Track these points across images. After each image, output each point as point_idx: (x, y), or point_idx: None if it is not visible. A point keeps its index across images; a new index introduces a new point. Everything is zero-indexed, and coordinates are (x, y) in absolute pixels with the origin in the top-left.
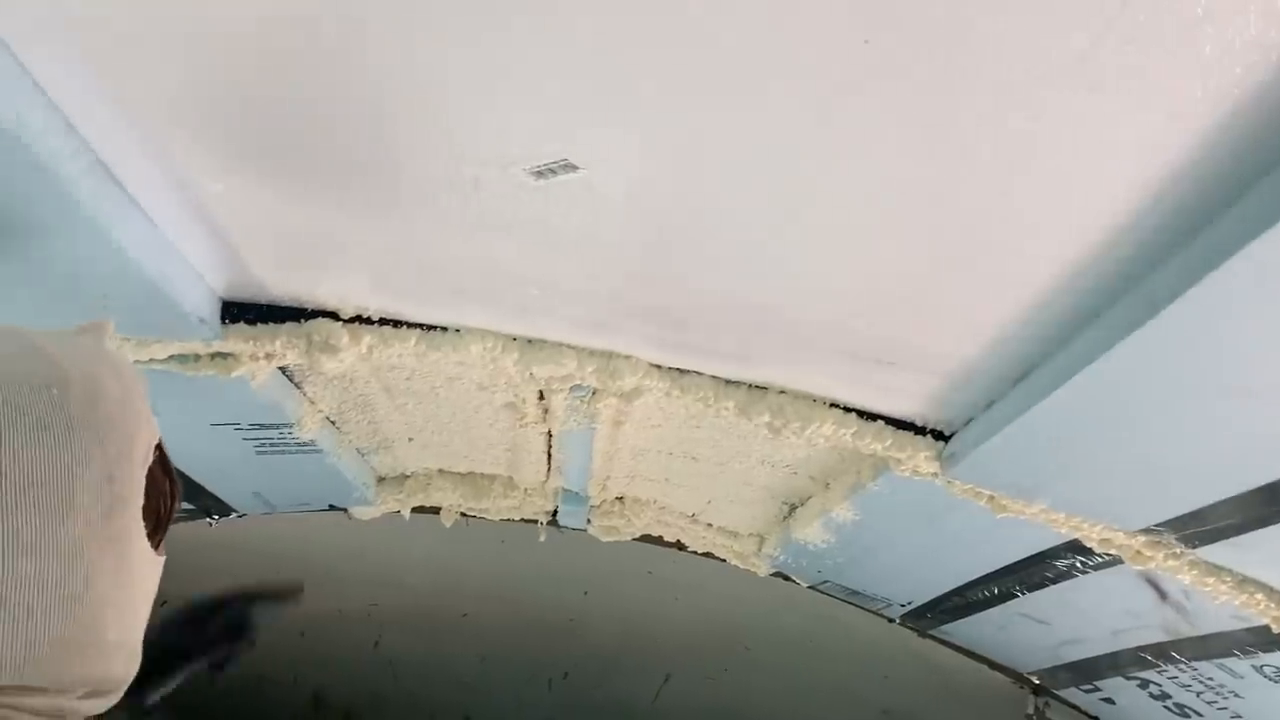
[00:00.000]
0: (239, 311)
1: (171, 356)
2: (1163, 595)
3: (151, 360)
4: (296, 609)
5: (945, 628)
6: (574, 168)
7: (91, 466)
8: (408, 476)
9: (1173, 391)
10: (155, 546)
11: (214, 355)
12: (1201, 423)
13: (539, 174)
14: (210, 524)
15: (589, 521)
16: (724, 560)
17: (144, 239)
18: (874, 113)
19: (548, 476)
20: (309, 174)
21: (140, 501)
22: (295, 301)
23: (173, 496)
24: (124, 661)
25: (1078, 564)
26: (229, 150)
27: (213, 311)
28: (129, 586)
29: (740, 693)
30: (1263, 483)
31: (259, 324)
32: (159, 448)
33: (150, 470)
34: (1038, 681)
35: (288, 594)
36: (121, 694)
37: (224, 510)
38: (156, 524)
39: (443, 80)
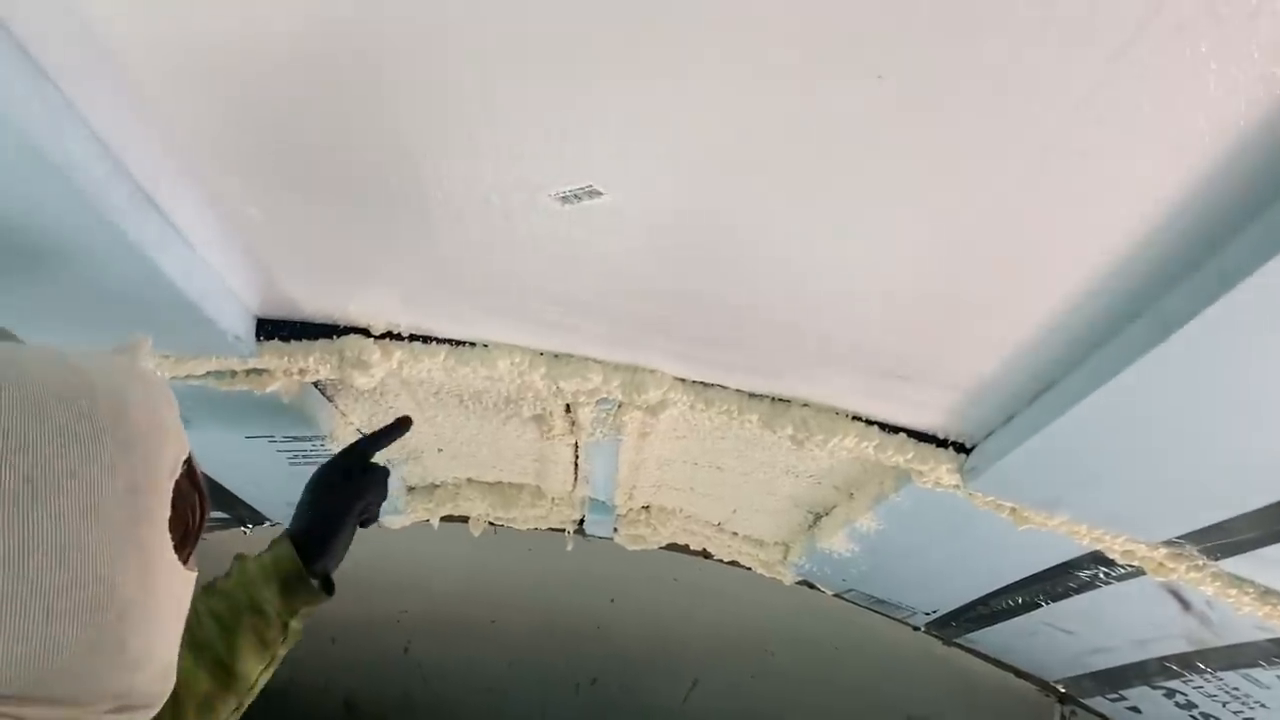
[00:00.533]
0: (273, 329)
1: (209, 373)
2: (1186, 606)
3: (189, 376)
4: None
5: (970, 636)
6: (598, 193)
7: (117, 476)
8: (437, 486)
9: (1187, 409)
10: (184, 560)
11: (249, 371)
12: (1217, 439)
13: (565, 199)
14: (245, 532)
15: (616, 530)
16: (749, 568)
17: (183, 262)
18: (894, 143)
19: (575, 486)
20: (341, 199)
21: (167, 514)
22: (328, 319)
23: (202, 511)
24: (152, 677)
25: (1101, 575)
26: (264, 177)
27: (248, 329)
28: (154, 598)
29: (767, 699)
30: (1275, 500)
31: (293, 341)
32: (188, 462)
33: (178, 483)
34: (1063, 690)
35: (398, 429)
36: (154, 712)
37: (258, 519)
38: (184, 537)
39: (473, 115)
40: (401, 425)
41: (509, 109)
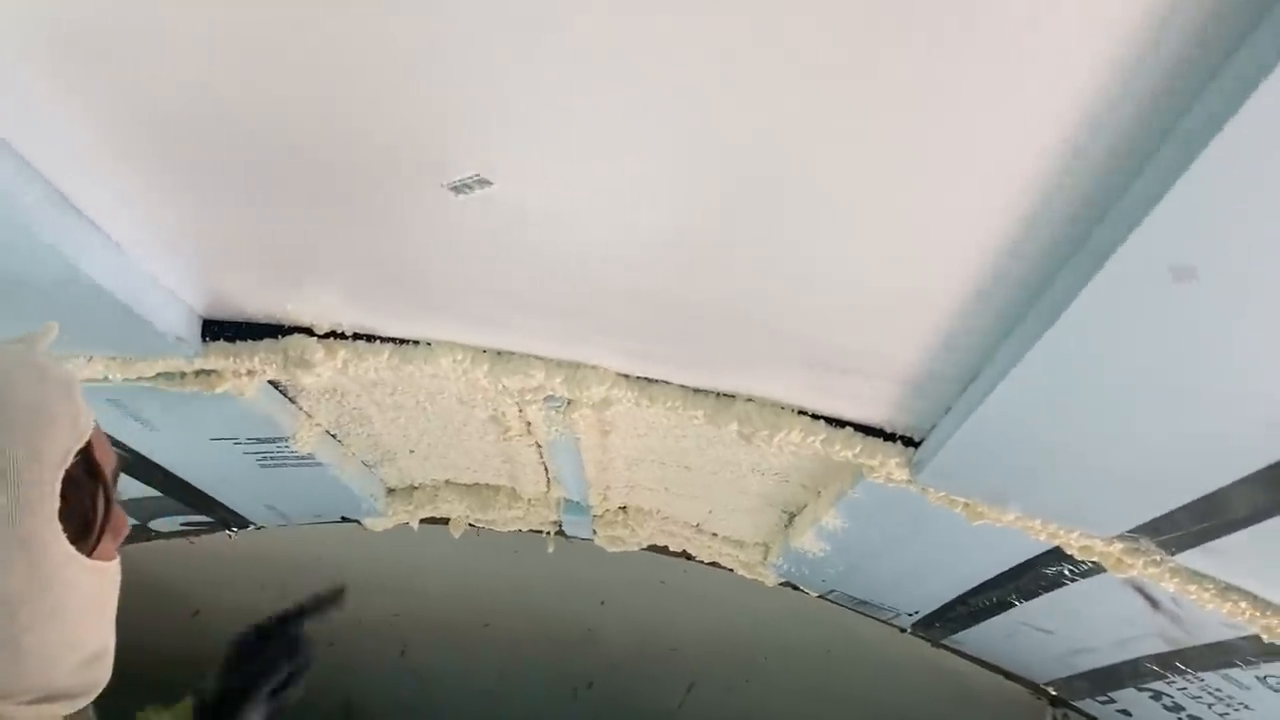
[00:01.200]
0: (219, 329)
1: (159, 374)
2: (1155, 604)
3: (140, 378)
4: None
5: (955, 637)
6: (487, 182)
7: None
8: (416, 488)
9: (1092, 394)
10: (90, 552)
11: (198, 372)
12: (1132, 426)
13: (456, 189)
14: (230, 536)
15: (594, 532)
16: (731, 570)
17: (110, 264)
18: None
19: (548, 487)
20: (275, 195)
21: (54, 505)
22: (271, 319)
23: (106, 502)
24: (72, 669)
25: (1066, 572)
26: (190, 175)
27: (191, 330)
28: (51, 593)
29: (763, 702)
30: (1214, 488)
31: (238, 341)
32: (84, 452)
33: (70, 474)
34: (1054, 692)
35: (331, 601)
36: (86, 701)
37: (241, 523)
38: (84, 528)
39: (393, 108)
40: (336, 597)
41: (413, 97)
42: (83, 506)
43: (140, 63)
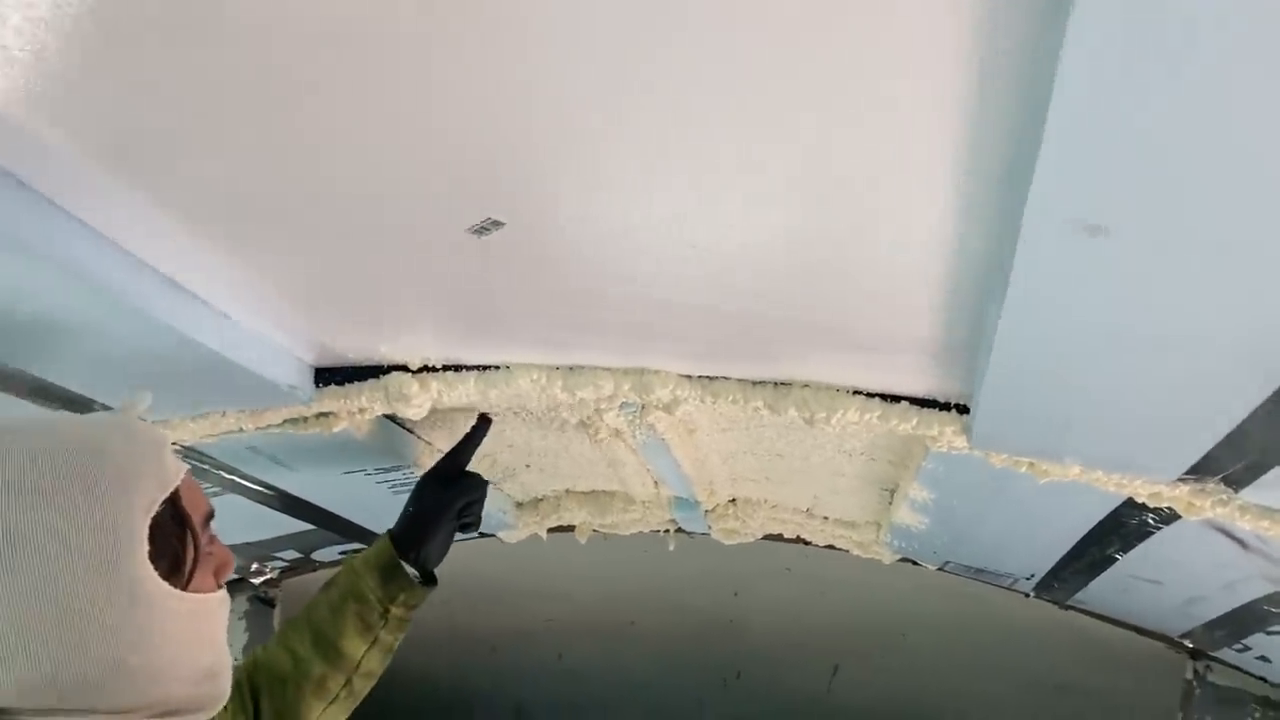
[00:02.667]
0: (329, 375)
1: (284, 421)
2: (1242, 544)
3: (269, 426)
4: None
5: (1078, 597)
6: (500, 223)
7: (86, 521)
8: (540, 500)
9: (1069, 346)
10: (184, 586)
11: (317, 415)
12: (1122, 375)
13: (477, 232)
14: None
15: (708, 526)
16: (847, 551)
17: (220, 331)
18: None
19: (657, 487)
20: (354, 255)
21: (144, 549)
22: (371, 360)
23: (194, 542)
24: (184, 685)
25: (1148, 521)
26: (279, 248)
27: (304, 379)
28: (148, 622)
29: (912, 679)
30: (1231, 427)
31: (345, 384)
32: (170, 501)
33: (158, 520)
34: (1192, 645)
35: (480, 430)
36: (206, 715)
37: None
38: (175, 565)
39: (437, 168)
40: (481, 426)
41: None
42: (172, 547)
43: (217, 165)
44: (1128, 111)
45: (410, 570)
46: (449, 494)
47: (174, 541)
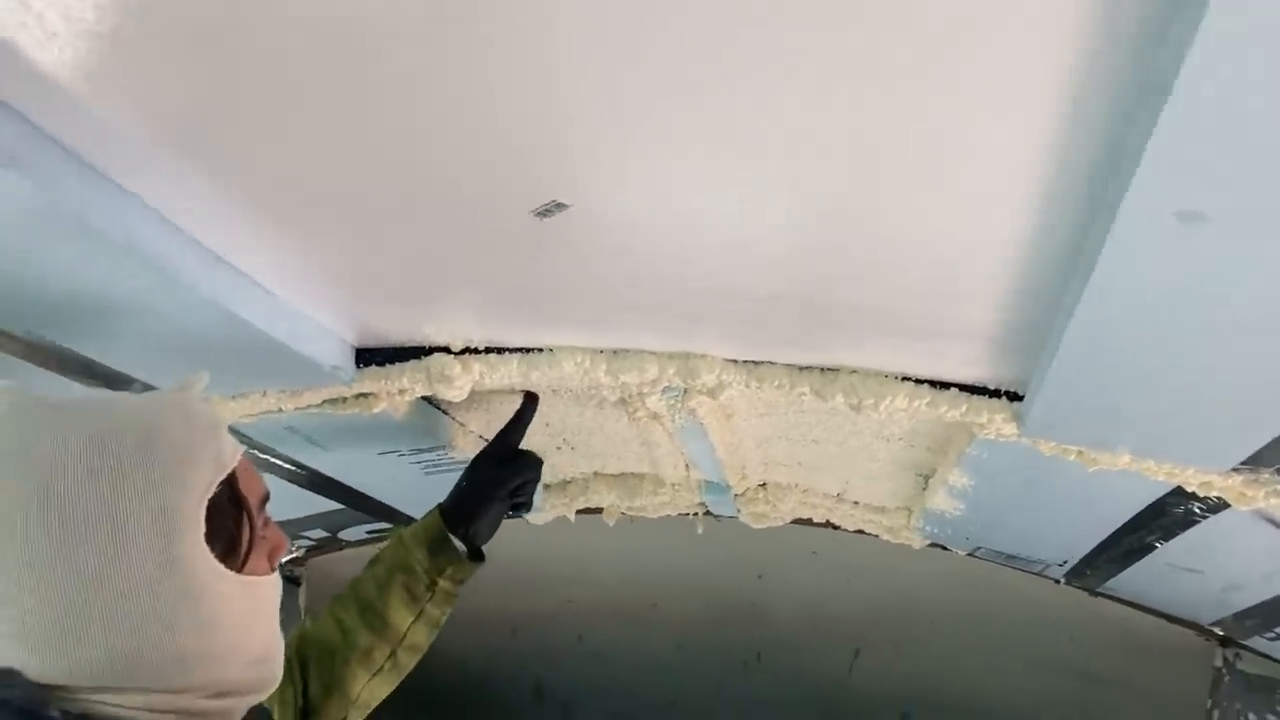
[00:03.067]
0: (371, 356)
1: (324, 401)
2: None
3: (309, 406)
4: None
5: (1110, 584)
6: (565, 205)
7: (143, 502)
8: (568, 482)
9: (1145, 335)
10: (239, 568)
11: (357, 396)
12: (1195, 363)
13: (541, 214)
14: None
15: (738, 510)
16: (877, 536)
17: (265, 309)
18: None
19: (688, 470)
20: (401, 236)
21: (200, 531)
22: (413, 341)
23: (250, 525)
24: (240, 668)
25: (1195, 510)
26: (326, 227)
27: (346, 359)
28: (203, 605)
29: (934, 664)
30: None
31: (387, 365)
32: (227, 483)
33: (215, 502)
34: (1222, 633)
35: (529, 408)
36: (262, 696)
37: None
38: (231, 548)
39: (473, 150)
40: (530, 405)
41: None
42: (228, 529)
43: (271, 141)
44: (1249, 99)
45: (459, 545)
46: (503, 472)
47: (230, 524)
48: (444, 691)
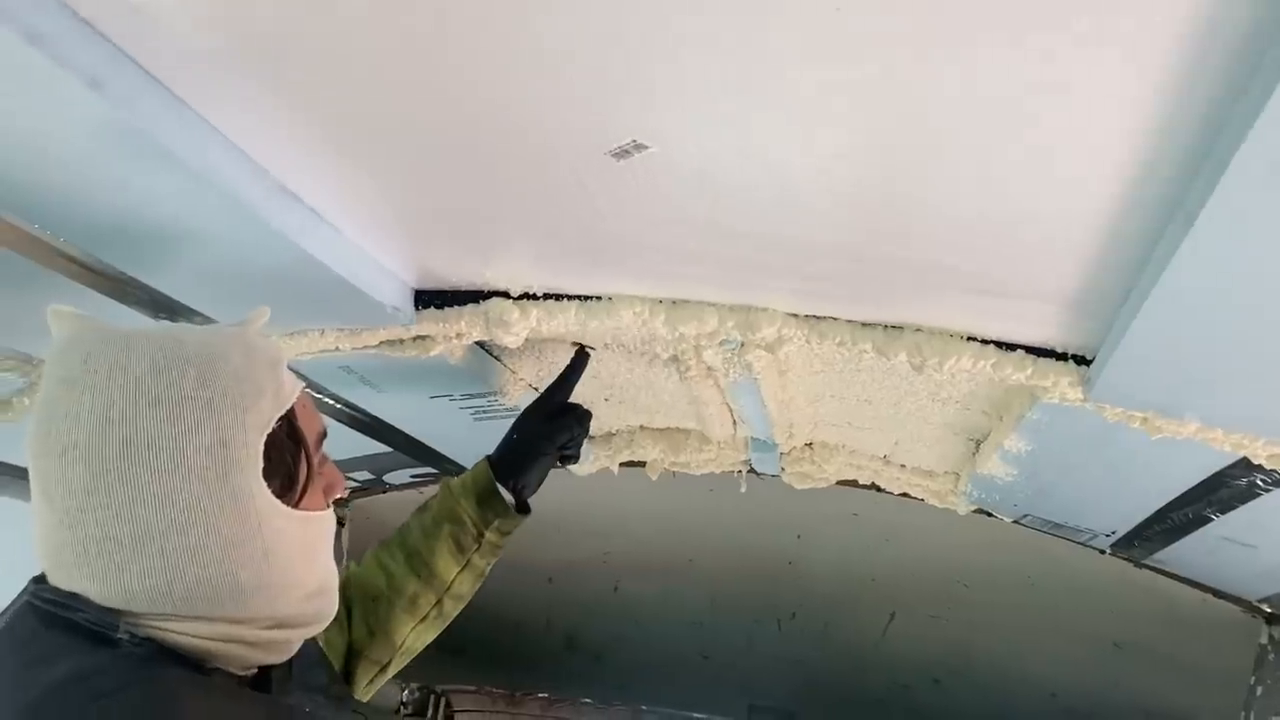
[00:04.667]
0: (429, 298)
1: (381, 343)
2: None
3: (366, 347)
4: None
5: (1157, 556)
6: (644, 146)
7: (202, 433)
8: (613, 434)
9: (1240, 298)
10: (295, 504)
11: (415, 339)
12: None
13: (617, 155)
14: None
15: (782, 469)
16: (922, 500)
17: (331, 245)
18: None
19: (735, 428)
20: (467, 175)
21: (258, 464)
22: (472, 285)
23: (307, 461)
24: (298, 600)
25: (1258, 482)
26: (394, 161)
27: (406, 300)
28: (260, 538)
29: (967, 630)
30: None
31: (446, 308)
32: (286, 418)
33: (274, 436)
34: (1269, 609)
35: (580, 363)
36: (319, 628)
37: (460, 472)
38: (289, 483)
39: (551, 86)
40: (580, 359)
41: (582, 70)
42: (286, 465)
43: (345, 71)
44: None
45: (507, 497)
46: (552, 426)
47: (288, 459)
48: (476, 636)
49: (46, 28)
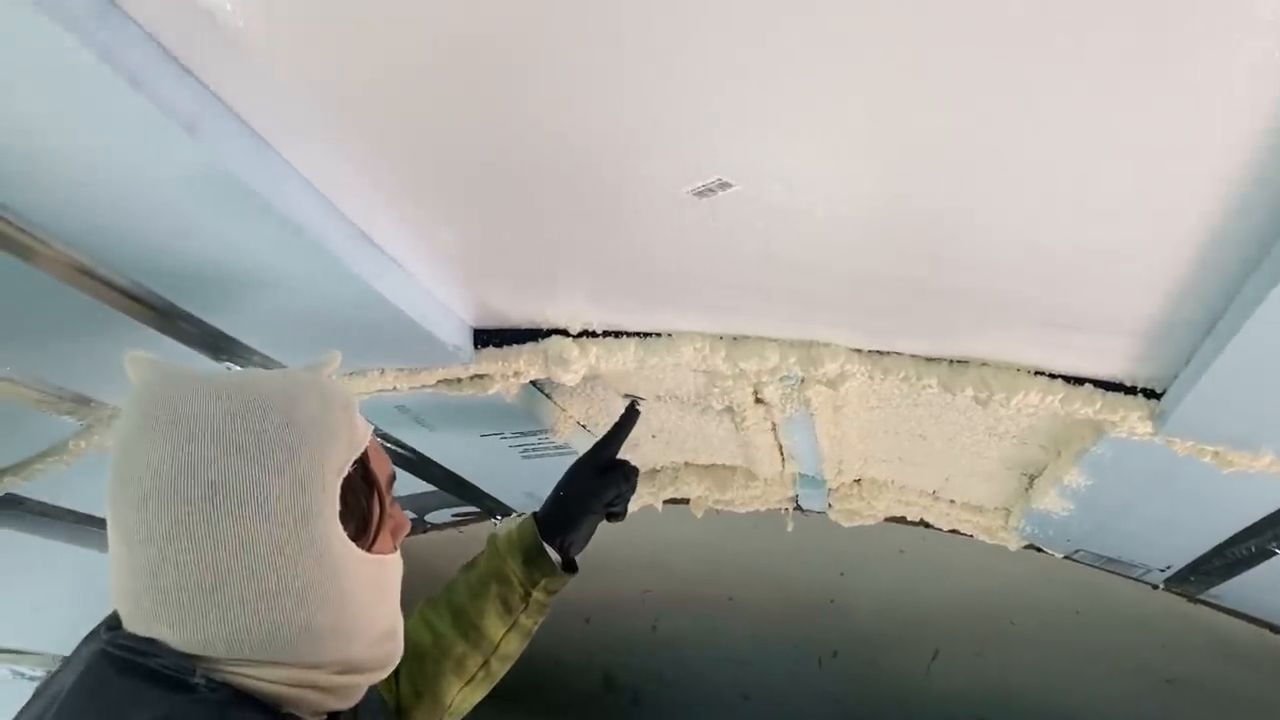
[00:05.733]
0: (488, 337)
1: (439, 381)
2: None
3: (424, 386)
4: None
5: (1214, 591)
6: (729, 185)
7: (283, 477)
8: (657, 471)
9: None
10: (368, 547)
11: (472, 377)
12: None
13: (700, 194)
14: (495, 523)
15: (830, 505)
16: (971, 536)
17: (400, 286)
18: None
19: (783, 465)
20: (533, 213)
21: (335, 509)
22: (531, 324)
23: (380, 504)
24: (366, 645)
25: None
26: (459, 201)
27: (465, 339)
28: (335, 583)
29: (1012, 667)
30: None
31: (505, 346)
32: (360, 462)
33: (349, 481)
34: None
35: (630, 419)
36: (384, 674)
37: (504, 510)
38: (363, 527)
39: (637, 125)
40: (630, 415)
41: (656, 111)
42: (360, 508)
43: (428, 117)
44: None
45: (554, 555)
46: (600, 482)
47: (362, 503)
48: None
49: (148, 72)
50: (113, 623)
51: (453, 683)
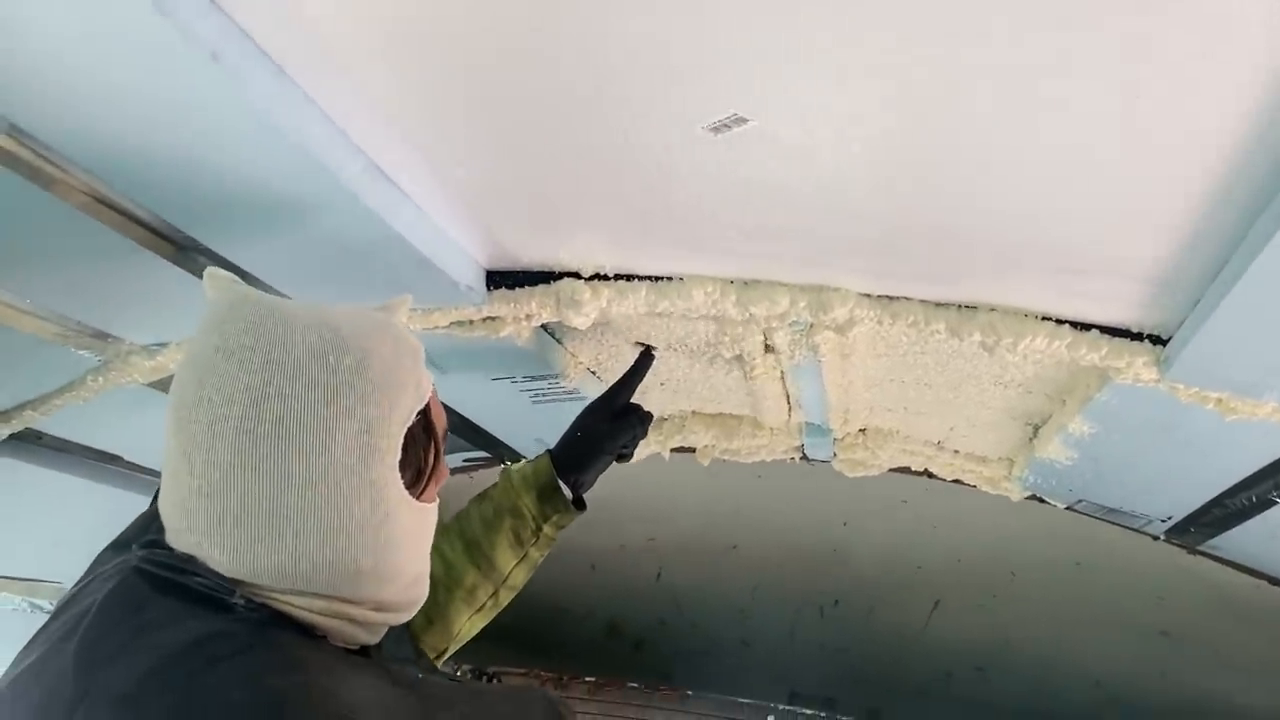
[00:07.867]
0: (500, 279)
1: (452, 323)
2: None
3: (436, 327)
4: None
5: (1213, 542)
6: (744, 120)
7: (352, 420)
8: (664, 419)
9: None
10: (419, 496)
11: (484, 319)
12: None
13: (715, 129)
14: (505, 468)
15: (835, 455)
16: (974, 486)
17: (413, 222)
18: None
19: (790, 414)
20: (548, 151)
21: (397, 456)
22: (544, 266)
23: (435, 455)
24: (401, 588)
25: None
26: (468, 141)
27: (479, 280)
28: (386, 526)
29: (1012, 618)
30: None
31: (517, 288)
32: (424, 412)
33: (411, 430)
34: None
35: (644, 364)
36: (411, 613)
37: (514, 456)
38: (417, 476)
39: (654, 59)
40: (644, 360)
41: (675, 50)
42: (418, 458)
43: (445, 51)
44: None
45: (566, 492)
46: (615, 425)
47: (420, 452)
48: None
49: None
50: (144, 540)
51: (462, 611)
